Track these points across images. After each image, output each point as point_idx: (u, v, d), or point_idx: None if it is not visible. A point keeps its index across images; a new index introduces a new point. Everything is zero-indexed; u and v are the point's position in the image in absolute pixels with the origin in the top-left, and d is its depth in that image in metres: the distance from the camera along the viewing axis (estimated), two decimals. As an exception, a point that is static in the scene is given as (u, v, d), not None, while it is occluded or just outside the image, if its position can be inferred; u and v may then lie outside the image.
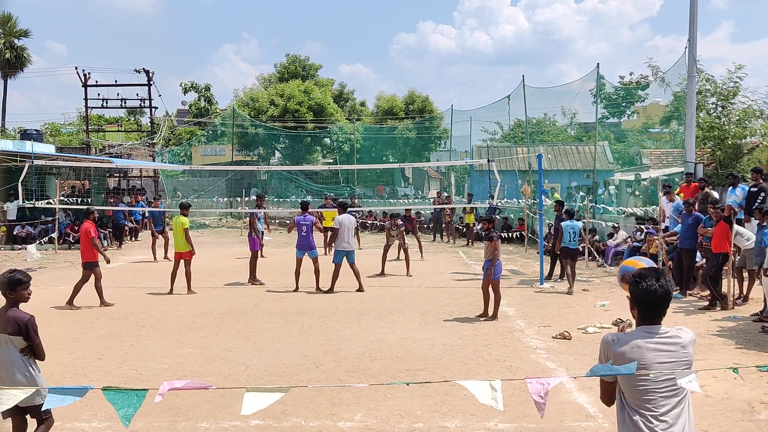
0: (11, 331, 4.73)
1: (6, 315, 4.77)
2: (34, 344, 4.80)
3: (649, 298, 3.08)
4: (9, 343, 4.74)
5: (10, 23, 39.24)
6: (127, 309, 11.14)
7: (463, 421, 5.91)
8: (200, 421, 5.96)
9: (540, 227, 13.86)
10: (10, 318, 4.75)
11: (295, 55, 42.15)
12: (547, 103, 28.25)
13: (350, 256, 12.76)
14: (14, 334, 4.73)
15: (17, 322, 4.73)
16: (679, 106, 21.75)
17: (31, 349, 4.80)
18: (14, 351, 4.76)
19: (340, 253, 12.72)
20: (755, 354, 8.09)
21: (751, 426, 5.82)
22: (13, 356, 4.76)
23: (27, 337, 4.76)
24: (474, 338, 8.99)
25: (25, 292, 4.89)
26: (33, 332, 4.79)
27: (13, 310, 4.81)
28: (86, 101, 32.50)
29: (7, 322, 4.74)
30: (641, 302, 3.11)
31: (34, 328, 4.80)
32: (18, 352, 4.77)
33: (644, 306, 3.11)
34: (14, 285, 4.83)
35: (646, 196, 19.89)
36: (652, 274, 3.14)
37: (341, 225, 12.67)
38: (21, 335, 4.75)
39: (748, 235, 11.08)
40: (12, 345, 4.75)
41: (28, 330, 4.76)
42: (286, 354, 8.22)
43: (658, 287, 3.07)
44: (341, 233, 12.63)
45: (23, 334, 4.75)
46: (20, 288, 4.86)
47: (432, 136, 34.56)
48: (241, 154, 35.78)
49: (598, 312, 10.78)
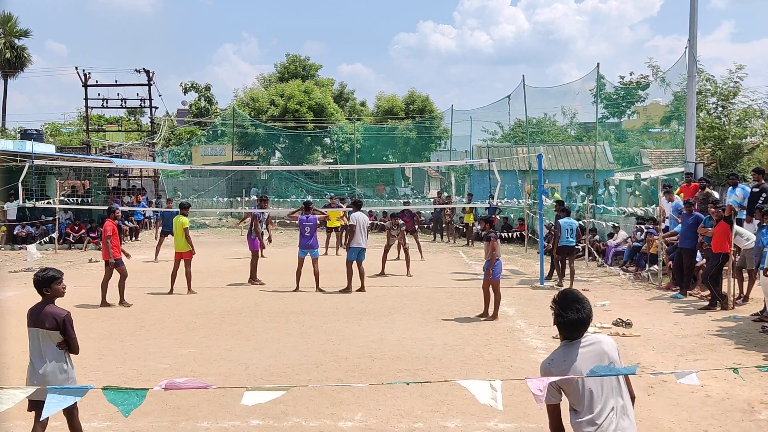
0: (49, 326, 4.91)
1: (44, 311, 4.94)
2: (71, 339, 4.97)
3: (574, 325, 3.43)
4: (47, 337, 4.92)
5: (10, 23, 39.24)
6: (127, 309, 11.15)
7: (463, 421, 5.91)
8: (200, 421, 5.96)
9: (540, 227, 13.87)
10: (48, 314, 4.93)
11: (295, 55, 42.15)
12: (547, 103, 28.29)
13: (361, 255, 12.81)
14: (52, 329, 4.91)
15: (55, 318, 4.92)
16: (680, 106, 21.75)
17: (67, 343, 4.98)
18: (52, 345, 4.94)
19: (354, 250, 12.75)
20: (755, 354, 8.09)
21: (751, 426, 5.81)
22: (51, 350, 4.93)
23: (64, 332, 4.94)
24: (474, 338, 8.99)
25: (59, 287, 5.06)
26: (70, 327, 4.97)
27: (50, 306, 4.98)
28: (86, 101, 32.53)
29: (45, 317, 4.92)
30: (566, 329, 3.46)
31: (70, 323, 4.99)
32: (55, 347, 4.94)
33: (569, 330, 3.47)
34: (50, 282, 5.00)
35: (646, 196, 19.89)
36: (573, 305, 3.44)
37: (357, 223, 12.72)
38: (58, 330, 4.93)
39: (747, 235, 11.07)
40: (49, 339, 4.93)
41: (66, 325, 4.94)
42: (286, 354, 8.22)
43: (580, 317, 3.42)
44: (357, 232, 12.70)
45: (60, 329, 4.93)
46: (55, 284, 5.03)
47: (432, 136, 34.56)
48: (241, 154, 35.79)
49: (598, 312, 10.76)
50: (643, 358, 7.86)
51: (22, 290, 12.87)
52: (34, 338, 4.96)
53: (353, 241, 12.76)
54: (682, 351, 8.24)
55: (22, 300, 12.04)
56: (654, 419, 5.94)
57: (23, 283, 13.76)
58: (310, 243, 12.74)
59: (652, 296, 12.17)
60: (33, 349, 4.98)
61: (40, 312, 4.95)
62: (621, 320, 9.71)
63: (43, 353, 4.92)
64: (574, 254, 13.53)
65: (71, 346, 5.00)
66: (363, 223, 12.85)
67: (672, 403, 6.33)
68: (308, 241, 12.74)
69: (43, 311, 4.94)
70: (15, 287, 13.43)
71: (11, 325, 9.67)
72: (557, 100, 27.72)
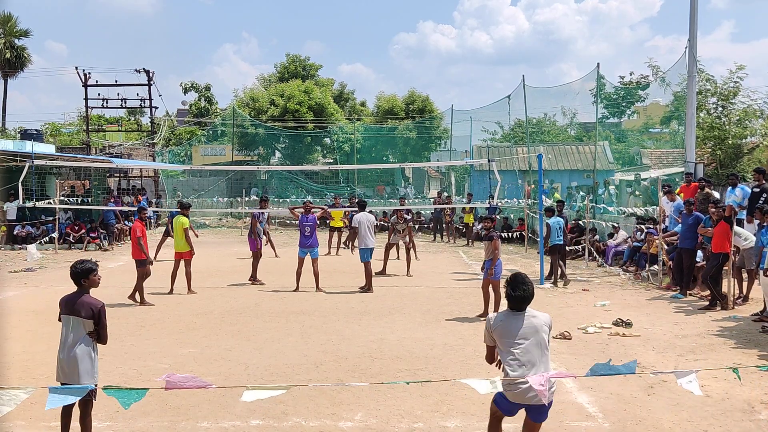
0: (85, 315, 5.11)
1: (81, 300, 5.15)
2: (103, 328, 5.18)
3: (519, 300, 4.61)
4: (80, 325, 5.11)
5: (10, 23, 39.22)
6: (127, 309, 11.14)
7: (463, 421, 5.91)
8: (200, 421, 5.96)
9: (540, 227, 13.86)
10: (85, 303, 5.14)
11: (295, 55, 42.14)
12: (547, 103, 28.24)
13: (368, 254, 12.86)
14: (88, 318, 5.11)
15: (92, 308, 5.13)
16: (680, 106, 21.74)
17: (98, 333, 5.17)
18: (83, 333, 5.11)
19: (365, 251, 12.77)
20: (755, 354, 8.10)
21: (751, 426, 5.82)
22: (81, 338, 5.10)
23: (98, 322, 5.14)
24: (474, 338, 8.98)
25: (96, 278, 5.32)
26: (104, 317, 5.19)
27: (87, 296, 5.20)
28: (86, 101, 32.50)
29: (81, 306, 5.12)
30: (513, 302, 4.64)
31: (105, 313, 5.21)
32: (86, 335, 5.12)
33: (515, 303, 4.63)
34: (88, 273, 5.24)
35: (646, 196, 19.88)
36: (520, 286, 4.61)
37: (360, 224, 12.76)
38: (93, 319, 5.12)
39: (746, 235, 11.07)
40: (82, 327, 5.11)
41: (101, 315, 5.16)
42: (286, 354, 8.22)
43: (523, 293, 4.60)
44: (362, 232, 12.73)
45: (95, 319, 5.13)
46: (92, 275, 5.28)
47: (432, 136, 34.53)
48: (241, 154, 35.78)
49: (598, 312, 10.78)
50: (643, 358, 7.86)
51: (22, 290, 12.88)
52: (67, 326, 5.14)
53: (361, 242, 12.77)
54: (682, 351, 8.25)
55: (22, 300, 12.04)
56: (654, 419, 5.94)
57: (23, 284, 13.77)
58: (310, 243, 12.75)
59: (652, 296, 12.18)
60: (64, 336, 5.15)
61: (76, 301, 5.14)
62: (621, 320, 9.71)
63: (74, 340, 5.09)
64: (564, 252, 13.65)
65: (101, 335, 5.19)
66: (368, 223, 12.87)
67: (672, 403, 6.33)
68: (308, 241, 12.74)
69: (79, 300, 5.14)
70: (15, 287, 13.43)
71: (11, 325, 9.68)
72: (557, 100, 27.70)
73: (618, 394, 6.58)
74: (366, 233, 12.75)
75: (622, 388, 6.73)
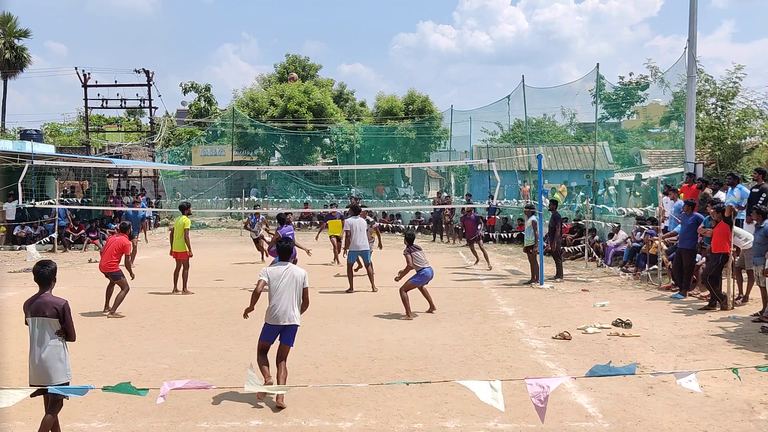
0: (49, 314, 5.08)
1: (44, 300, 5.12)
2: (69, 326, 5.15)
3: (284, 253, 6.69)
4: (46, 325, 5.08)
5: (10, 23, 39.18)
6: (127, 309, 11.13)
7: (462, 421, 5.91)
8: (200, 421, 5.96)
9: (540, 227, 13.87)
10: (49, 303, 5.11)
11: (295, 56, 42.23)
12: (546, 103, 28.25)
13: (365, 256, 13.08)
14: (52, 317, 5.08)
15: (55, 306, 5.10)
16: (679, 106, 21.76)
17: (65, 330, 5.14)
18: (50, 333, 5.09)
19: (353, 254, 13.05)
20: (755, 354, 8.09)
21: (751, 426, 5.82)
22: (49, 338, 5.08)
23: (63, 320, 5.11)
24: (474, 338, 8.99)
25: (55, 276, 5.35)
26: (69, 314, 5.16)
27: (48, 295, 5.18)
28: (86, 101, 32.49)
29: (45, 306, 5.09)
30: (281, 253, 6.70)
31: (69, 310, 5.17)
32: (54, 334, 5.10)
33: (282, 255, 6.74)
34: (54, 273, 5.27)
35: (646, 196, 19.90)
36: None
37: (352, 228, 12.94)
38: (58, 318, 5.10)
39: (746, 235, 11.06)
40: (49, 327, 5.08)
41: (65, 312, 5.12)
42: (286, 354, 8.21)
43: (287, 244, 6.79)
44: (353, 236, 12.91)
45: (60, 317, 5.10)
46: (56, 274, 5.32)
47: (432, 136, 34.56)
48: (241, 155, 35.79)
49: (597, 312, 10.78)
50: (643, 359, 7.86)
51: (21, 290, 12.86)
52: (34, 328, 5.11)
53: (351, 245, 12.99)
54: (682, 351, 8.25)
55: (21, 300, 12.00)
56: (654, 419, 5.94)
57: (23, 284, 13.76)
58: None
59: (651, 296, 12.18)
60: (33, 338, 5.11)
61: (39, 302, 5.12)
62: (621, 320, 9.71)
63: (42, 341, 5.06)
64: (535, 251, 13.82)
65: (69, 333, 5.15)
66: (359, 227, 13.05)
67: (672, 403, 6.33)
68: None
69: (42, 301, 5.11)
70: (15, 287, 13.43)
71: (11, 325, 9.67)
72: (557, 101, 27.71)
73: (618, 395, 6.58)
74: (355, 237, 12.94)
75: (621, 388, 6.73)
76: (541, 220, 14.32)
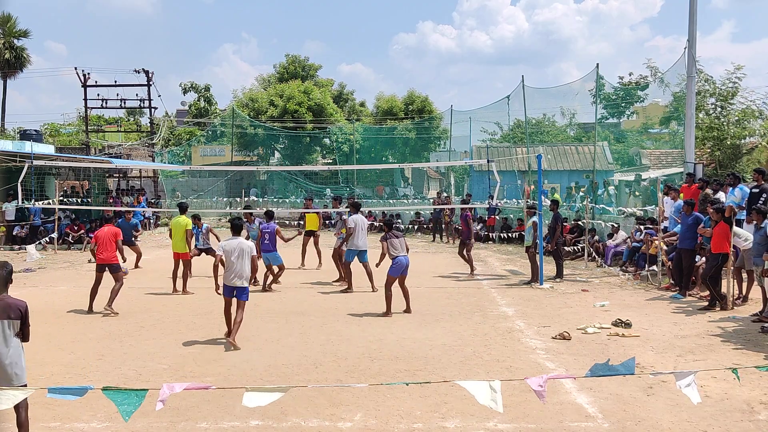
0: (14, 317, 5.03)
1: (6, 302, 5.05)
2: (27, 327, 5.13)
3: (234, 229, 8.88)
4: (10, 327, 5.02)
5: (10, 23, 39.18)
6: (127, 309, 11.12)
7: (462, 421, 5.91)
8: (200, 422, 5.96)
9: (539, 227, 13.87)
10: (12, 305, 5.06)
11: (294, 56, 42.21)
12: (546, 104, 28.25)
13: (362, 256, 12.84)
14: (16, 319, 5.05)
15: (19, 308, 5.07)
16: (679, 106, 21.75)
17: (23, 332, 5.12)
18: (11, 334, 5.02)
19: (352, 252, 12.80)
20: (755, 354, 8.10)
21: (750, 426, 5.82)
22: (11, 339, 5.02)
23: (24, 321, 5.09)
24: (473, 338, 8.99)
25: None
26: (28, 316, 5.15)
27: (8, 297, 5.10)
28: (86, 101, 32.49)
29: (10, 308, 5.03)
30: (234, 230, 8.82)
31: (28, 311, 5.16)
32: (14, 336, 5.05)
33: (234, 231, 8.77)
34: (11, 275, 5.22)
35: (646, 197, 19.90)
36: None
37: (356, 226, 12.77)
38: (20, 319, 5.06)
39: (745, 235, 11.06)
40: (12, 329, 5.03)
41: (26, 314, 5.11)
42: (285, 354, 8.22)
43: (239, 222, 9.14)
44: (356, 234, 12.73)
45: (22, 318, 5.07)
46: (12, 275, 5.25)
47: (432, 136, 34.55)
48: (240, 155, 35.79)
49: (597, 312, 10.78)
50: (643, 359, 7.86)
51: (21, 291, 12.85)
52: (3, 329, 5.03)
53: (351, 243, 12.78)
54: (682, 351, 8.25)
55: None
56: (653, 419, 5.95)
57: (22, 284, 13.76)
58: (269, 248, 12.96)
59: (651, 297, 12.18)
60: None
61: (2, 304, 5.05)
62: (620, 320, 9.71)
63: (8, 343, 5.02)
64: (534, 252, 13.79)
65: (26, 334, 5.15)
66: (362, 225, 12.88)
67: (671, 403, 6.33)
68: (267, 248, 12.97)
69: (5, 303, 5.05)
70: (14, 288, 13.32)
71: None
72: (557, 101, 27.72)
73: (617, 395, 6.58)
74: (357, 235, 12.78)
75: (621, 388, 6.73)
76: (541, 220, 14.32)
